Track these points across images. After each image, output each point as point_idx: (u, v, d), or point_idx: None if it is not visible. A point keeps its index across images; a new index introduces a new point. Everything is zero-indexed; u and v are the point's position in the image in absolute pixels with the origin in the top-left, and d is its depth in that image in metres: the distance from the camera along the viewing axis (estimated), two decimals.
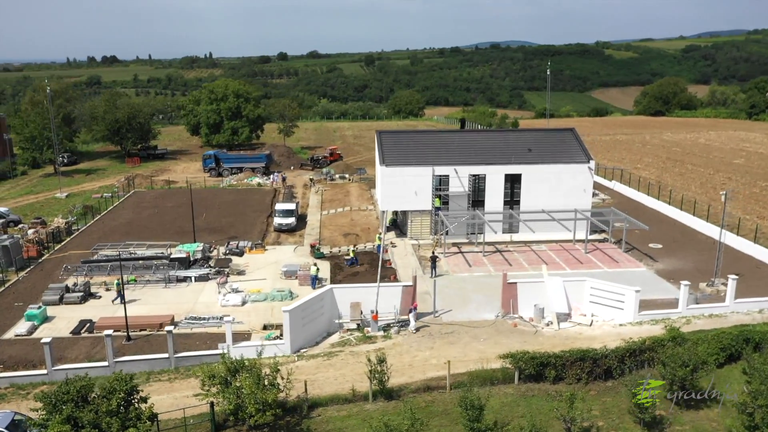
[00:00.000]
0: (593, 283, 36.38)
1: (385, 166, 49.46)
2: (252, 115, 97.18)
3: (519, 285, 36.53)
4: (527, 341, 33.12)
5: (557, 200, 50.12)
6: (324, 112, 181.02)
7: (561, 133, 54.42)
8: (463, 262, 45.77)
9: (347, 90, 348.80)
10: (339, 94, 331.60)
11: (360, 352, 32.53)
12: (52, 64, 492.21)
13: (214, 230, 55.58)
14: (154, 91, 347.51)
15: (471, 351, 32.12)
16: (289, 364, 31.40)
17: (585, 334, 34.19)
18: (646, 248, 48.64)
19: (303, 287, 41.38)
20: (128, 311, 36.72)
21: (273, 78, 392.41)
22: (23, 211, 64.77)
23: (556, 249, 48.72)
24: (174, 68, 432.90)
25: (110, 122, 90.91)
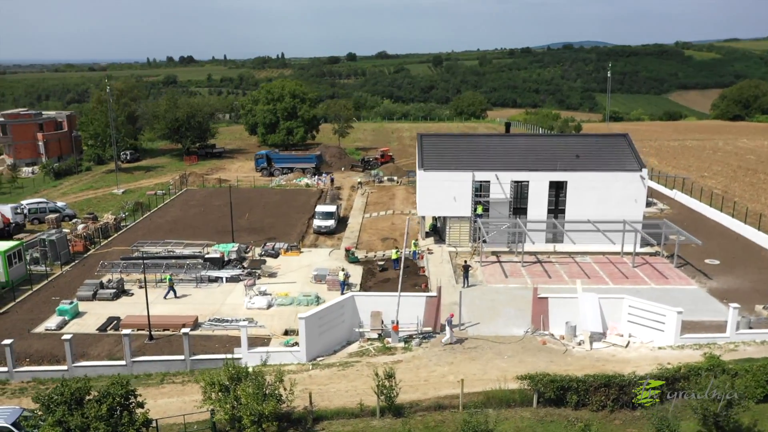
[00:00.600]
0: (632, 301, 33.98)
1: (423, 171, 48.17)
2: (307, 115, 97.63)
3: (550, 300, 34.57)
4: (554, 361, 31.20)
5: (606, 210, 47.45)
6: (386, 112, 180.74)
7: (613, 139, 51.59)
8: (500, 273, 43.94)
9: (413, 90, 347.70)
10: (405, 94, 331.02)
11: (377, 364, 31.44)
12: (134, 64, 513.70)
13: (256, 230, 55.77)
14: (227, 90, 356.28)
15: (492, 369, 30.49)
16: (302, 373, 30.84)
17: (618, 356, 31.90)
18: (701, 264, 45.35)
19: (332, 292, 40.72)
20: (155, 310, 37.10)
21: (341, 78, 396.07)
22: (81, 206, 67.13)
23: (601, 262, 46.13)
24: (246, 68, 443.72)
25: (170, 121, 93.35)
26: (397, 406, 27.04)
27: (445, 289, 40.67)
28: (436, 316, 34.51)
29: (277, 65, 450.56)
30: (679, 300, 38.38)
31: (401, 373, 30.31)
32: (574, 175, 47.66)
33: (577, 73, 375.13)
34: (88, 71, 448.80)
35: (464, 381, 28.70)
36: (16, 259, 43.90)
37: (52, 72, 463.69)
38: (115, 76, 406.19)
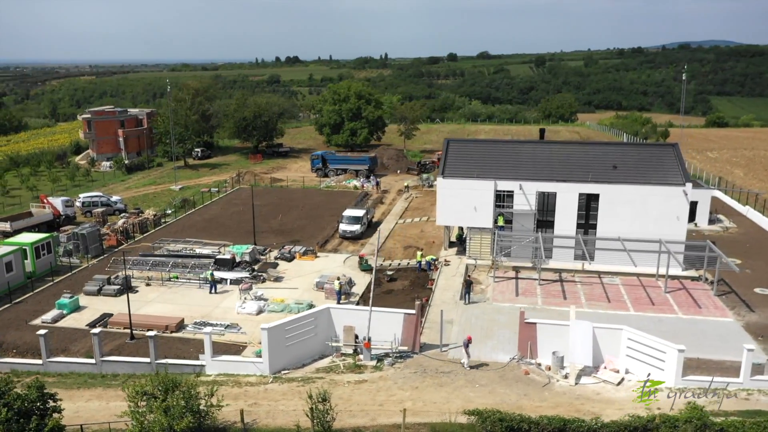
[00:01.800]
0: (631, 333, 30.27)
1: (442, 178, 45.87)
2: (371, 116, 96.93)
3: (539, 326, 31.51)
4: (528, 395, 28.32)
5: (644, 227, 43.05)
6: (470, 114, 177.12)
7: (659, 150, 46.80)
8: (512, 290, 40.94)
9: (511, 92, 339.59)
10: (503, 95, 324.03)
11: (341, 382, 29.97)
12: (244, 64, 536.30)
13: (284, 232, 55.58)
14: None
15: (457, 398, 28.07)
16: (260, 386, 29.84)
17: (604, 395, 28.46)
18: (748, 293, 40.16)
19: (330, 300, 39.51)
20: (152, 309, 37.51)
21: (438, 78, 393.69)
22: (138, 201, 69.90)
23: (631, 284, 41.95)
24: (347, 68, 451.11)
25: (238, 120, 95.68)
26: (335, 431, 25.39)
27: (447, 305, 38.51)
28: (414, 334, 32.40)
29: (378, 65, 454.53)
30: (705, 334, 34.16)
31: (360, 394, 28.75)
32: (607, 188, 43.61)
33: (691, 75, 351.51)
34: (201, 70, 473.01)
35: (419, 410, 26.76)
36: (44, 251, 46.01)
37: (169, 71, 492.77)
38: (225, 75, 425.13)
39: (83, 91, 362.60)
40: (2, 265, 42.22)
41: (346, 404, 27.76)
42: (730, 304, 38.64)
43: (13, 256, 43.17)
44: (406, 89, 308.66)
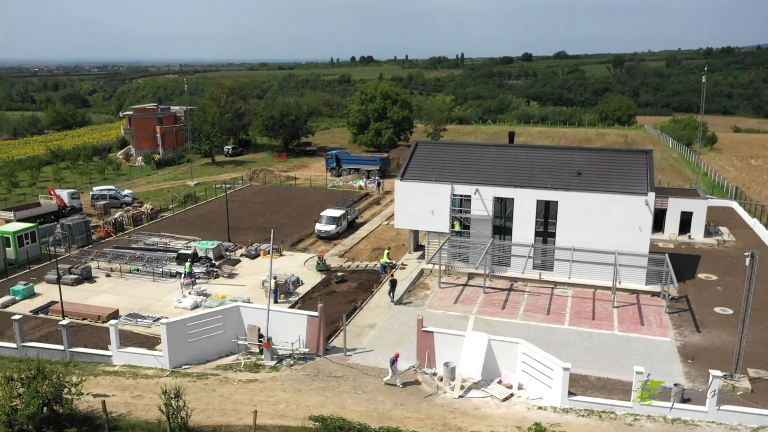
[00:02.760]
0: (526, 348, 29.00)
1: (399, 180, 45.36)
2: (397, 116, 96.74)
3: (436, 335, 30.68)
4: (405, 405, 27.71)
5: (605, 238, 40.99)
6: (523, 115, 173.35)
7: (631, 156, 44.31)
8: (454, 297, 40.05)
9: (584, 93, 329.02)
10: (575, 97, 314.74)
11: (233, 380, 30.37)
12: (319, 63, 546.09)
13: (265, 230, 56.36)
14: None
15: (332, 403, 27.83)
16: (154, 378, 30.63)
17: (483, 410, 27.41)
18: (706, 312, 37.55)
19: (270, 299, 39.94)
20: (101, 300, 39.35)
21: (510, 79, 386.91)
22: (153, 195, 72.90)
23: (582, 296, 40.10)
24: (419, 68, 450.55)
25: (266, 119, 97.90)
26: (191, 428, 25.77)
27: (379, 309, 38.29)
28: (318, 337, 32.32)
29: (449, 65, 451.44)
30: (631, 353, 32.34)
31: (241, 393, 29.03)
32: (565, 195, 41.79)
33: None
34: (277, 69, 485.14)
35: (284, 413, 26.84)
36: (28, 240, 48.89)
37: (247, 70, 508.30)
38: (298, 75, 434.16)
39: (165, 89, 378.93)
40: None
41: (223, 402, 28.16)
42: (679, 322, 36.25)
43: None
44: (474, 89, 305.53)
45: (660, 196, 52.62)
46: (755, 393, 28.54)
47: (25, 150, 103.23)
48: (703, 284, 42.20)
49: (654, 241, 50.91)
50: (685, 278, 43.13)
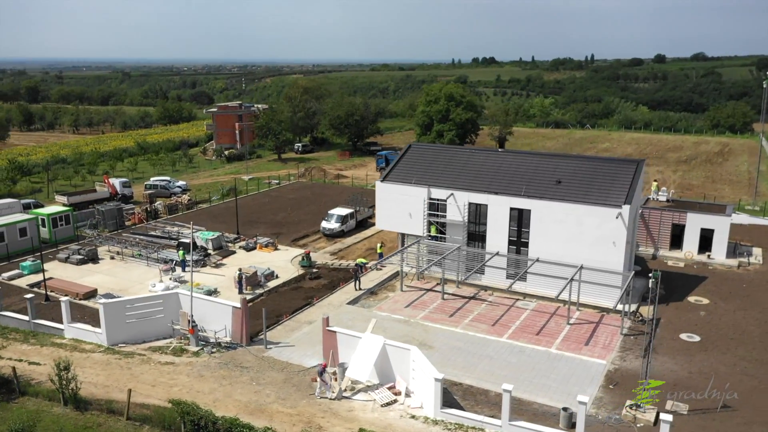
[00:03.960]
0: (417, 355, 28.53)
1: (379, 182, 45.56)
2: (459, 118, 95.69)
3: (338, 335, 30.92)
4: (285, 400, 28.37)
5: (578, 251, 38.82)
6: (624, 120, 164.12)
7: (620, 166, 41.42)
8: (408, 301, 39.81)
9: (719, 98, 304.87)
10: (707, 101, 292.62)
11: (153, 360, 32.49)
12: (440, 64, 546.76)
13: (278, 225, 58.61)
14: (511, 91, 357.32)
15: (221, 392, 29.09)
16: (89, 353, 33.37)
17: (356, 413, 27.37)
18: (669, 338, 34.70)
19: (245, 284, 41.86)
20: (89, 278, 43.30)
21: (636, 81, 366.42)
22: (205, 187, 77.60)
23: (542, 310, 38.35)
24: (539, 70, 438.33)
25: (332, 118, 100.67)
26: (83, 400, 28.05)
27: (332, 307, 38.98)
28: (241, 329, 33.62)
29: (573, 67, 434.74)
30: (550, 372, 30.86)
31: (149, 374, 31.04)
32: (538, 204, 40.05)
33: None
34: (397, 70, 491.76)
35: (171, 394, 28.38)
36: (62, 222, 54.32)
37: (368, 71, 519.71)
38: (414, 75, 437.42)
39: (289, 88, 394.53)
40: (16, 230, 50.96)
41: (129, 380, 30.31)
42: (630, 346, 33.76)
43: (27, 223, 51.76)
44: (595, 92, 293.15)
45: (678, 210, 48.78)
46: (657, 427, 26.22)
47: (119, 142, 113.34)
48: (688, 308, 38.77)
49: (666, 259, 47.45)
50: (673, 300, 39.87)
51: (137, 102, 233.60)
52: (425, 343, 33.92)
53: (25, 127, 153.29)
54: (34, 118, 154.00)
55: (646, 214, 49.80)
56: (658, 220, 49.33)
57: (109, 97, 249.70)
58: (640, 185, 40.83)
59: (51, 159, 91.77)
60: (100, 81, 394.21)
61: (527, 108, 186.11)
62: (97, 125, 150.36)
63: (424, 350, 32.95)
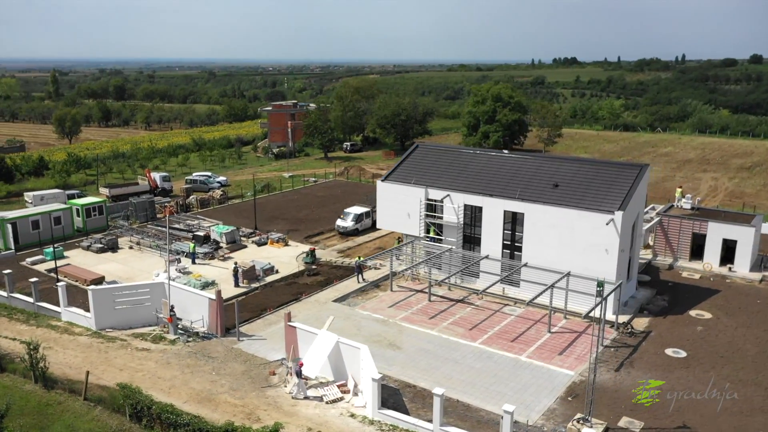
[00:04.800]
0: (365, 354, 28.47)
1: (380, 181, 45.58)
2: (506, 119, 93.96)
3: (298, 331, 31.28)
4: (238, 390, 29.04)
5: (571, 258, 37.49)
6: (699, 124, 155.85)
7: (622, 170, 39.57)
8: (393, 301, 39.71)
9: None
10: None
11: (131, 346, 34.01)
12: (519, 65, 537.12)
13: (297, 221, 59.58)
14: (590, 92, 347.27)
15: (180, 380, 30.11)
16: (75, 336, 35.29)
17: (300, 408, 27.64)
18: (654, 352, 32.99)
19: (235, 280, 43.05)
20: (102, 267, 45.78)
21: (728, 83, 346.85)
22: (244, 183, 79.86)
23: (527, 317, 37.28)
24: (622, 70, 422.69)
25: (379, 118, 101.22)
26: (50, 378, 29.78)
27: (318, 304, 39.45)
28: (216, 320, 34.62)
29: (658, 68, 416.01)
30: (511, 380, 30.21)
31: (122, 358, 32.52)
32: (531, 207, 38.94)
33: None
34: (474, 71, 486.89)
35: (130, 379, 29.69)
36: (95, 212, 57.53)
37: (445, 71, 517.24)
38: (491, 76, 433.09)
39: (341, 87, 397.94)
40: (50, 218, 54.40)
41: (102, 363, 31.93)
42: (607, 358, 32.33)
43: (61, 213, 55.20)
44: (680, 94, 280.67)
45: (699, 219, 46.14)
46: None
47: (178, 139, 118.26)
48: (686, 322, 36.64)
49: (683, 270, 45.05)
50: (673, 313, 37.82)
51: (213, 101, 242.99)
52: (394, 344, 33.79)
53: (104, 124, 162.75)
54: (111, 115, 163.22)
55: (665, 222, 47.36)
56: (677, 228, 46.79)
57: (189, 95, 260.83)
58: (640, 191, 38.91)
59: (110, 153, 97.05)
60: (188, 80, 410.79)
61: (595, 110, 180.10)
62: (167, 122, 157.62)
63: (391, 351, 33.07)
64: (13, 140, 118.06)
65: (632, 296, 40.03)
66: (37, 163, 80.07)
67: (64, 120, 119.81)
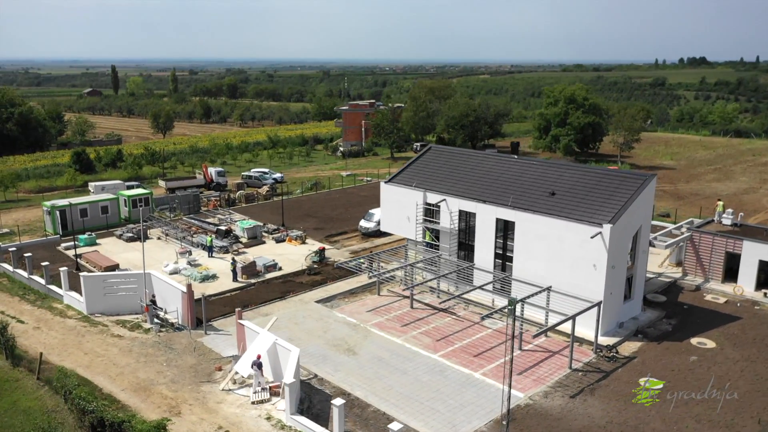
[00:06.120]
0: (293, 357, 27.99)
1: (384, 183, 44.75)
2: (578, 123, 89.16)
3: (246, 329, 31.36)
4: (177, 383, 29.68)
5: (559, 272, 34.92)
6: None
7: (626, 179, 36.15)
8: (373, 306, 38.93)
9: None
10: None
11: (110, 332, 35.69)
12: (641, 65, 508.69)
13: (327, 220, 59.86)
14: (716, 95, 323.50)
15: (130, 366, 31.30)
16: (65, 318, 37.54)
17: (223, 405, 27.70)
18: (626, 380, 30.08)
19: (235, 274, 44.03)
20: (124, 255, 48.54)
21: None
22: (300, 180, 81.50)
23: (504, 332, 35.08)
24: (757, 71, 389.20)
25: (448, 118, 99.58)
26: (17, 356, 31.87)
27: (299, 303, 39.51)
28: (187, 312, 35.50)
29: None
30: (452, 397, 28.87)
31: (93, 343, 34.27)
32: (522, 216, 36.66)
33: None
34: (591, 71, 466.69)
35: (87, 363, 31.28)
36: (141, 203, 60.96)
37: (560, 71, 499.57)
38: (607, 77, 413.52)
39: (473, 88, 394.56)
40: (99, 207, 58.31)
41: (74, 345, 33.86)
42: (570, 383, 29.83)
43: (108, 202, 59.01)
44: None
45: (734, 237, 41.50)
46: None
47: (257, 136, 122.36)
48: (682, 350, 33.01)
49: (709, 292, 40.79)
50: (672, 339, 34.31)
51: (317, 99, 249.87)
52: (352, 349, 33.08)
53: (205, 120, 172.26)
54: (211, 112, 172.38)
55: (696, 238, 42.94)
56: (709, 246, 42.28)
57: (295, 94, 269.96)
58: (643, 203, 35.44)
59: (189, 149, 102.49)
60: (303, 80, 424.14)
61: (705, 114, 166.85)
62: (260, 120, 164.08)
63: (345, 356, 32.46)
64: (111, 134, 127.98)
65: (634, 317, 36.66)
66: (114, 156, 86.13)
67: (158, 116, 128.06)
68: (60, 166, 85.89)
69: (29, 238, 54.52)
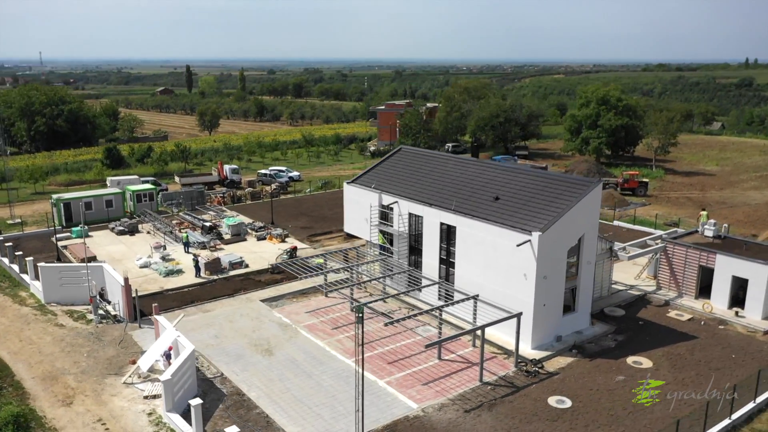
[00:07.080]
0: (186, 354, 28.11)
1: (346, 183, 44.24)
2: (609, 125, 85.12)
3: (160, 325, 31.74)
4: (87, 374, 30.46)
5: (494, 279, 33.52)
6: None
7: (571, 186, 34.05)
8: (312, 306, 38.69)
9: None
10: None
11: (53, 321, 37.06)
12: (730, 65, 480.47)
13: (320, 219, 59.85)
14: None
15: (54, 355, 32.37)
16: (21, 306, 39.26)
17: (115, 399, 28.15)
18: (534, 398, 28.45)
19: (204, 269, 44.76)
20: (109, 247, 50.32)
21: None
22: (316, 179, 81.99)
23: (431, 339, 33.91)
24: None
25: (478, 119, 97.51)
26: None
27: (246, 300, 39.77)
28: (126, 304, 36.35)
29: None
30: (347, 405, 27.98)
31: (32, 331, 35.84)
32: (462, 221, 35.35)
33: None
34: (674, 71, 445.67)
35: (16, 351, 32.61)
36: (145, 198, 63.07)
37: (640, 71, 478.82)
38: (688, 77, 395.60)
39: (545, 89, 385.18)
40: (103, 201, 60.78)
41: (16, 332, 35.29)
42: (476, 396, 28.53)
43: (113, 197, 61.38)
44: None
45: (707, 250, 38.52)
46: None
47: (291, 136, 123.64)
48: (612, 369, 30.88)
49: (675, 308, 38.08)
50: (608, 356, 32.18)
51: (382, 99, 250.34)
52: (270, 350, 32.94)
53: (258, 118, 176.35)
54: (264, 111, 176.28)
55: (669, 250, 40.07)
56: (682, 259, 39.35)
57: (357, 93, 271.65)
58: (586, 212, 33.29)
59: (222, 146, 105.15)
60: (375, 79, 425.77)
61: (765, 115, 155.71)
62: (309, 119, 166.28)
63: (260, 356, 32.42)
64: (158, 131, 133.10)
65: (578, 331, 34.61)
66: (144, 152, 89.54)
67: (205, 114, 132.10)
68: (96, 161, 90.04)
69: (37, 228, 57.43)
